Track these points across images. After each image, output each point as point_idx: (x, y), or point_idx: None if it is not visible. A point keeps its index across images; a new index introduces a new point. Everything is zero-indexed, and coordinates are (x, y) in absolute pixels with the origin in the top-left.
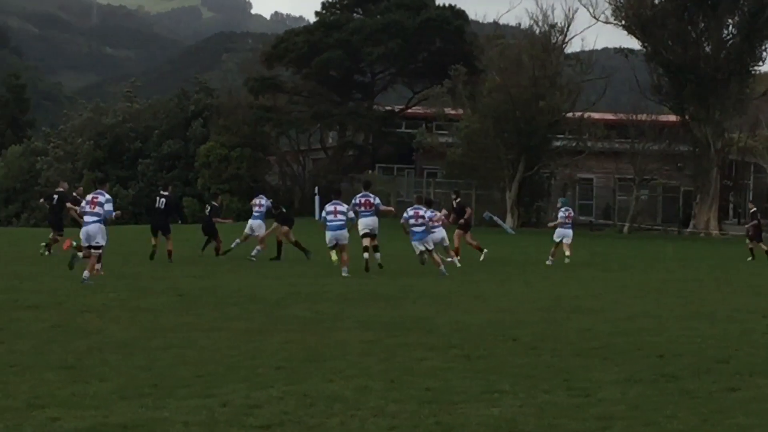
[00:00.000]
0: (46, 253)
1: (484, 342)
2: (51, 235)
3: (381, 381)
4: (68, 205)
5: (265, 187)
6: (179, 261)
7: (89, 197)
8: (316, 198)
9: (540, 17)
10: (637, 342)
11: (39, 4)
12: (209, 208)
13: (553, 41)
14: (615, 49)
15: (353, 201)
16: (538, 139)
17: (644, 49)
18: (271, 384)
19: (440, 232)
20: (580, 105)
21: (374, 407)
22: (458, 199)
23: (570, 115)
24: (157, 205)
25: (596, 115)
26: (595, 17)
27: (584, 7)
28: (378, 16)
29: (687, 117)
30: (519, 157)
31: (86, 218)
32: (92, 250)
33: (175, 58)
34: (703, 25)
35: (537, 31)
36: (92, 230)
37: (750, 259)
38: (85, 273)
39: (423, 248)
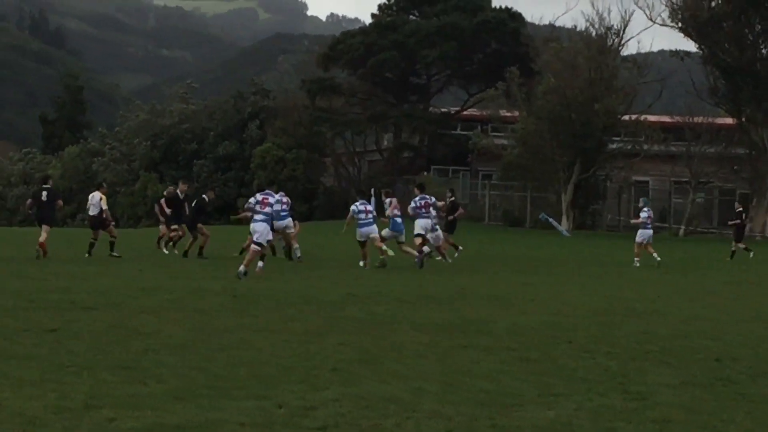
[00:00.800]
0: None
1: (539, 344)
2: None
3: (437, 383)
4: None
5: (321, 189)
6: (234, 262)
7: (260, 197)
8: (372, 200)
9: (596, 19)
10: (694, 345)
11: (97, 5)
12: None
13: (609, 43)
14: (671, 51)
15: (412, 204)
16: (594, 141)
17: (700, 52)
18: (326, 386)
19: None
20: (635, 107)
21: (430, 409)
22: (452, 198)
23: (626, 117)
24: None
25: (652, 118)
26: (651, 19)
27: (640, 9)
28: (434, 18)
29: (743, 119)
30: (574, 160)
31: (256, 216)
32: (253, 246)
33: (231, 59)
34: (759, 27)
35: (593, 34)
36: (259, 228)
37: (752, 254)
38: (241, 267)
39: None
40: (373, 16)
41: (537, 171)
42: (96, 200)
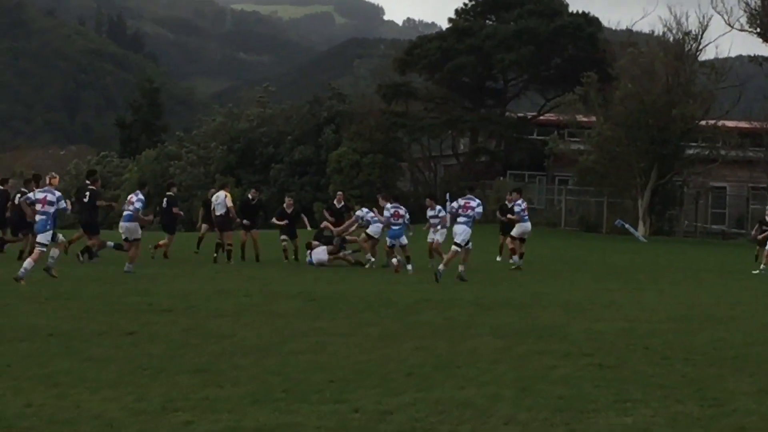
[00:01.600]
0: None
1: (616, 350)
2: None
3: (512, 388)
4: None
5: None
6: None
7: (462, 202)
8: (447, 204)
9: (674, 24)
10: None
11: (174, 10)
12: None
13: (687, 49)
14: (749, 56)
15: (517, 209)
16: (671, 147)
17: None
18: (402, 390)
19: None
20: (713, 113)
21: (506, 415)
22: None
23: (703, 123)
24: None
25: (730, 123)
26: (729, 25)
27: (719, 14)
28: (511, 23)
29: None
30: (651, 165)
31: (459, 219)
32: (453, 247)
33: (307, 63)
34: None
35: (671, 39)
36: (459, 230)
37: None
38: (460, 268)
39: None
40: (450, 20)
41: (613, 176)
42: (222, 199)
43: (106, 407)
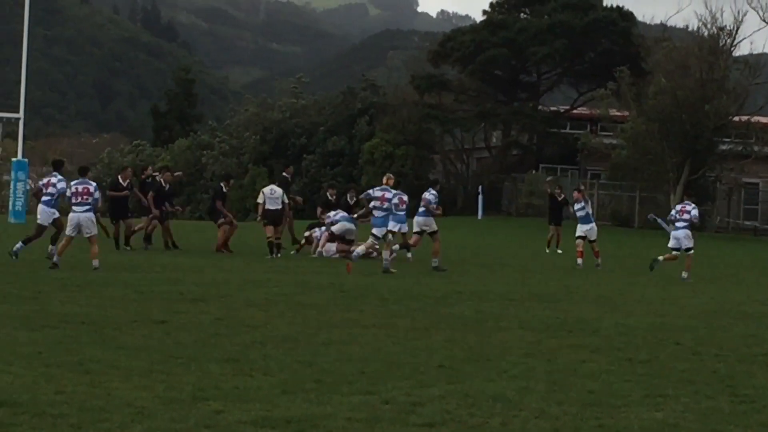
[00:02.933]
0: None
1: (647, 345)
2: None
3: (543, 382)
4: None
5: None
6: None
7: (678, 207)
8: (480, 197)
9: (708, 20)
10: None
11: None
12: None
13: (721, 44)
14: None
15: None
16: (704, 142)
17: None
18: (433, 382)
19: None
20: (747, 109)
21: (536, 408)
22: (562, 194)
23: (737, 119)
24: None
25: (763, 120)
26: (764, 20)
27: (753, 10)
28: (545, 17)
29: None
30: (684, 160)
31: (678, 224)
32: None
33: (341, 54)
34: None
35: (705, 34)
36: (681, 234)
37: None
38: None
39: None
40: (484, 13)
41: (646, 171)
42: (279, 193)
43: (138, 395)
